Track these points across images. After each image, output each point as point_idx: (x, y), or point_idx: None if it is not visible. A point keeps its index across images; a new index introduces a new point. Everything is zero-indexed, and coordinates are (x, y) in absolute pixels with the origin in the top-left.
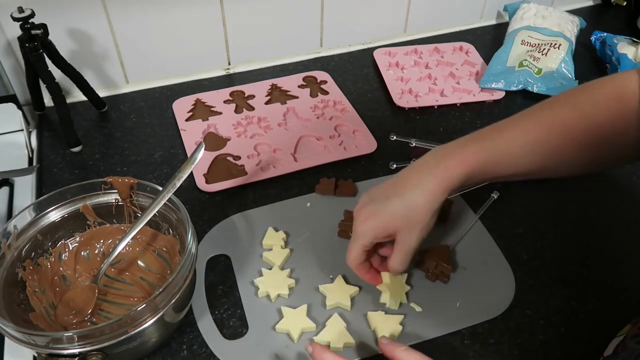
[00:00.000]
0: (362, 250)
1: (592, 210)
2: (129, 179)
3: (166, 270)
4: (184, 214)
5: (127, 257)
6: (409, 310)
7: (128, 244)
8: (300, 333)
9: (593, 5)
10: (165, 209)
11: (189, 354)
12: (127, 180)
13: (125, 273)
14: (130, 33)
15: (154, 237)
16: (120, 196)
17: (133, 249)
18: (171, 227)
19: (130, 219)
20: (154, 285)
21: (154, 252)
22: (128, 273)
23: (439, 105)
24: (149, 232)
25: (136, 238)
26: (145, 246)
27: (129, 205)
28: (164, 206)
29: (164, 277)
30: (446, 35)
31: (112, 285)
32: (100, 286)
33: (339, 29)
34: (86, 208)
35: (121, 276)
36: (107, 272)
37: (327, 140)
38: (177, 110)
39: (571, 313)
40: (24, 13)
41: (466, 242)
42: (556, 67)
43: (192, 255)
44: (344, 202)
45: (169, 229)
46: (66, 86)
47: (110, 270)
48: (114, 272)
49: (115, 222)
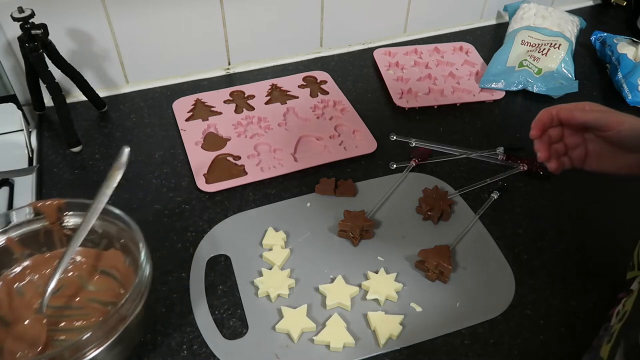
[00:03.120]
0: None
1: (592, 210)
2: (55, 201)
3: (118, 288)
4: (135, 231)
5: (70, 283)
6: (409, 310)
7: (67, 269)
8: (300, 333)
9: (593, 5)
10: (104, 222)
11: (189, 354)
12: (53, 203)
13: (74, 299)
14: (130, 33)
15: (98, 256)
16: (47, 220)
17: (76, 273)
18: (112, 240)
19: (63, 244)
20: (108, 304)
21: (100, 271)
22: (78, 298)
23: (439, 105)
24: (91, 252)
25: (75, 261)
26: (89, 267)
27: (59, 228)
28: (103, 220)
29: (115, 293)
30: (446, 35)
31: (64, 313)
32: (49, 317)
33: (339, 29)
34: (11, 241)
35: (70, 303)
36: (52, 302)
37: (327, 140)
38: (177, 110)
39: (571, 313)
40: (24, 13)
41: (466, 242)
42: (556, 67)
43: (146, 279)
44: (344, 202)
45: (112, 243)
46: (66, 86)
47: (57, 300)
48: (61, 300)
49: (46, 250)
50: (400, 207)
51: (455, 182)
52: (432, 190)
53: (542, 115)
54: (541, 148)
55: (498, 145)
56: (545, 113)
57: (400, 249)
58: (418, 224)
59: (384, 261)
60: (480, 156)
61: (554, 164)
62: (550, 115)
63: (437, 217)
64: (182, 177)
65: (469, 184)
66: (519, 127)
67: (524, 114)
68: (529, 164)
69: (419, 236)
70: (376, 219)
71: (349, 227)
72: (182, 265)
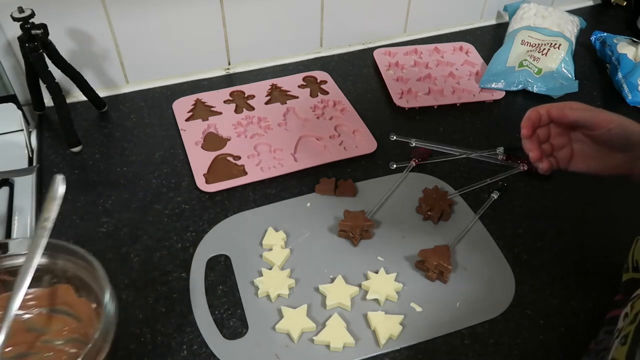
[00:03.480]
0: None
1: (592, 210)
2: None
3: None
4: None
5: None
6: (409, 310)
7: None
8: (300, 333)
9: (593, 5)
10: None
11: (189, 354)
12: None
13: (29, 347)
14: (130, 33)
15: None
16: None
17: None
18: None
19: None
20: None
21: (51, 310)
22: (33, 344)
23: (439, 105)
24: (37, 293)
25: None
26: (38, 309)
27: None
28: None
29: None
30: (446, 35)
31: None
32: None
33: (339, 29)
34: None
35: (25, 351)
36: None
37: (327, 140)
38: (177, 110)
39: (571, 313)
40: (24, 13)
41: (466, 242)
42: (556, 67)
43: (111, 319)
44: (344, 202)
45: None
46: (66, 86)
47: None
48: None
49: None
50: (400, 207)
51: (455, 182)
52: (432, 190)
53: (530, 114)
54: (532, 148)
55: (498, 145)
56: (533, 112)
57: (400, 249)
58: (418, 224)
59: (384, 261)
60: (480, 156)
61: (546, 164)
62: (538, 114)
63: (437, 217)
64: (182, 177)
65: (469, 184)
66: (519, 128)
67: (524, 114)
68: (529, 164)
69: (419, 236)
70: (376, 219)
71: (349, 227)
72: (182, 265)
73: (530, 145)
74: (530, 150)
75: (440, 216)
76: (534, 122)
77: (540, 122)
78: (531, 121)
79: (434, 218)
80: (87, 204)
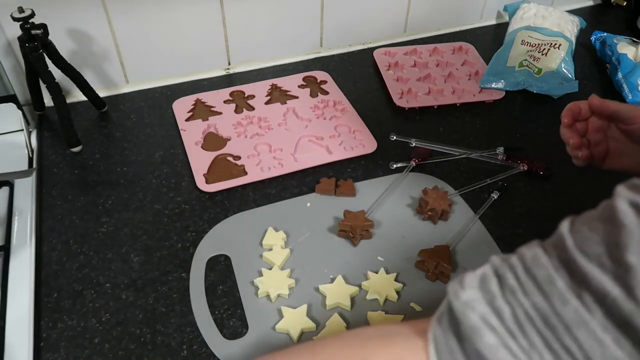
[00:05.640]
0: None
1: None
2: None
3: None
4: None
5: None
6: (409, 310)
7: None
8: (300, 333)
9: (593, 5)
10: None
11: (189, 354)
12: None
13: None
14: (130, 33)
15: None
16: None
17: None
18: None
19: None
20: None
21: None
22: None
23: (439, 105)
24: None
25: None
26: None
27: None
28: None
29: None
30: (446, 35)
31: None
32: None
33: (339, 29)
34: None
35: None
36: None
37: (327, 140)
38: (177, 110)
39: None
40: (24, 13)
41: (466, 242)
42: (556, 67)
43: None
44: (344, 202)
45: None
46: (66, 86)
47: None
48: None
49: None
50: (400, 207)
51: (455, 182)
52: (432, 190)
53: (571, 106)
54: (573, 135)
55: (498, 145)
56: (574, 105)
57: (400, 249)
58: (418, 224)
59: (384, 261)
60: (480, 156)
61: (585, 152)
62: (578, 107)
63: (437, 217)
64: (182, 177)
65: (469, 184)
66: (519, 127)
67: (524, 114)
68: (529, 164)
69: (419, 236)
70: (376, 219)
71: (348, 227)
72: (182, 265)
73: (570, 134)
74: (571, 137)
75: (440, 216)
76: (575, 113)
77: (579, 116)
78: (572, 112)
79: (434, 218)
80: (87, 204)
